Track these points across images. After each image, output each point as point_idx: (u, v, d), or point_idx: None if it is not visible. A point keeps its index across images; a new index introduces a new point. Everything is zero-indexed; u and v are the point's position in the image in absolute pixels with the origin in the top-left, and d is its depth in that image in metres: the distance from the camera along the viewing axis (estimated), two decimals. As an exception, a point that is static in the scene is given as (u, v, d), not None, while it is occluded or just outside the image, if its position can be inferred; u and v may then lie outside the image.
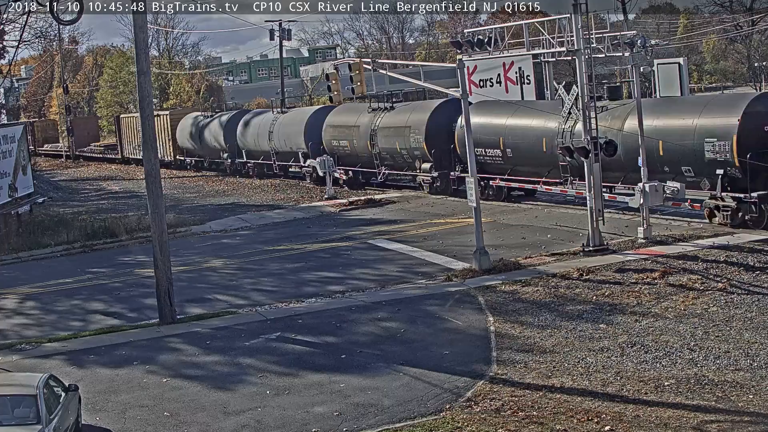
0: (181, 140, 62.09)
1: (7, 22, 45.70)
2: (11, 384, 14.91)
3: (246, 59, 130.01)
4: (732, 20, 63.52)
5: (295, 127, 48.11)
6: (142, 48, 22.25)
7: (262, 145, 51.66)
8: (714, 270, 22.43)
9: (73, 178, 67.19)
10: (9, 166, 37.68)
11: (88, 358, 19.66)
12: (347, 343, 19.35)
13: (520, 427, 14.37)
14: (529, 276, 23.29)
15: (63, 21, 26.55)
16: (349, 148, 43.77)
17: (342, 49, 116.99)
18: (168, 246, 22.38)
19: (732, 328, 18.28)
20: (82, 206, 47.39)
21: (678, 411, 14.54)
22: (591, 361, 17.06)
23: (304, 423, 15.15)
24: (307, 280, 25.62)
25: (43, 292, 26.93)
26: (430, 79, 35.72)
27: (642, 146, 26.27)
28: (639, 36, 30.75)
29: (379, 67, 29.83)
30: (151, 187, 22.31)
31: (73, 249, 33.65)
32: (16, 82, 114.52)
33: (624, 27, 56.98)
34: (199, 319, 22.27)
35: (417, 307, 21.55)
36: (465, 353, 18.11)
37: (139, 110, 22.91)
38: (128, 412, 16.32)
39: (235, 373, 18.03)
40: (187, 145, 61.32)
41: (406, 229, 31.83)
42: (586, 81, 25.52)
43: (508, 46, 36.60)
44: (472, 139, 25.18)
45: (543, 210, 32.73)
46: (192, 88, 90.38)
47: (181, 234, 35.00)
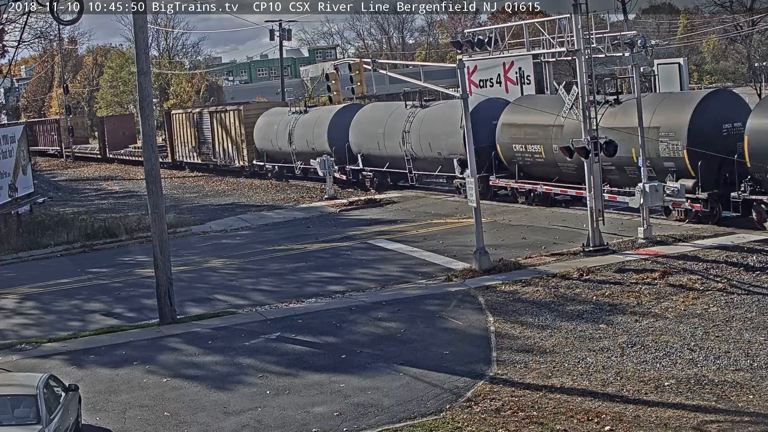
0: (261, 141, 51.03)
1: (7, 22, 45.72)
2: (11, 384, 14.92)
3: (246, 59, 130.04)
4: (732, 20, 63.48)
5: (447, 127, 36.93)
6: (142, 48, 22.24)
7: (390, 148, 40.79)
8: (714, 270, 22.44)
9: (73, 178, 67.17)
10: (9, 166, 37.68)
11: (88, 358, 19.66)
12: (347, 343, 19.35)
13: (520, 427, 14.38)
14: (529, 276, 23.30)
15: (63, 21, 26.55)
16: (272, 145, 44.58)
17: (342, 49, 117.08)
18: (168, 246, 22.38)
19: (732, 328, 18.28)
20: (82, 206, 47.38)
21: (678, 411, 14.55)
22: (591, 361, 17.06)
23: (304, 423, 15.16)
24: (307, 280, 25.63)
25: (43, 292, 26.93)
26: (430, 80, 35.67)
27: (642, 146, 26.29)
28: (639, 36, 30.78)
29: (379, 67, 29.83)
30: (151, 187, 22.30)
31: (73, 249, 33.65)
32: (16, 82, 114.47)
33: (624, 27, 56.95)
34: (199, 319, 22.27)
35: (417, 307, 21.56)
36: (465, 353, 18.11)
37: (139, 110, 22.89)
38: (128, 412, 16.33)
39: (235, 373, 18.03)
40: (270, 147, 50.25)
41: (406, 229, 31.83)
42: (586, 81, 25.52)
43: (508, 46, 36.65)
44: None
45: (544, 210, 32.70)
46: (192, 88, 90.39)
47: (181, 234, 35.01)
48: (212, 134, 56.21)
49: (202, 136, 57.81)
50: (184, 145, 60.66)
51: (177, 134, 61.58)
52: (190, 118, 59.17)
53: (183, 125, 60.18)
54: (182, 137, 60.65)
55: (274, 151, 49.90)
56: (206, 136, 57.18)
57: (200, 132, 57.94)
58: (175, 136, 61.93)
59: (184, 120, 59.96)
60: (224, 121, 54.43)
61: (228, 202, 44.38)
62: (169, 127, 62.62)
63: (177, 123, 61.11)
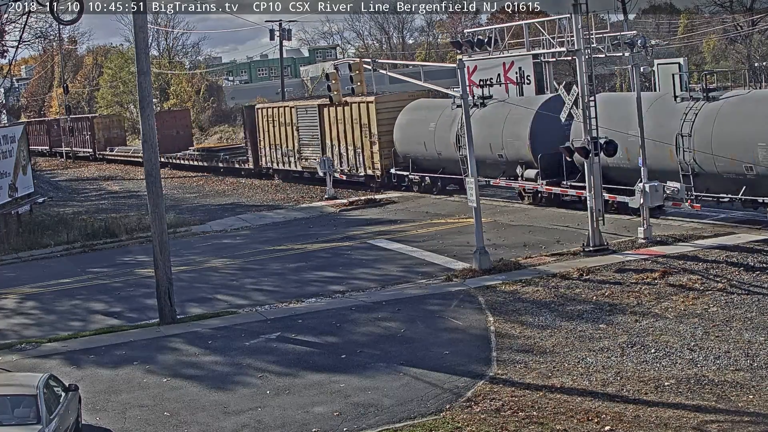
0: (405, 144, 40.05)
1: (7, 22, 45.69)
2: (11, 384, 14.92)
3: (246, 59, 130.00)
4: (732, 20, 63.48)
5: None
6: (142, 48, 22.24)
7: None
8: (714, 270, 22.44)
9: (73, 177, 67.18)
10: (9, 166, 37.70)
11: (88, 358, 19.67)
12: (347, 343, 19.36)
13: (520, 427, 14.38)
14: (529, 276, 23.30)
15: (63, 21, 26.55)
16: (425, 149, 37.94)
17: (342, 49, 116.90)
18: (168, 246, 22.38)
19: (732, 328, 18.28)
20: (82, 206, 47.39)
21: (678, 411, 14.55)
22: (591, 361, 17.07)
23: (304, 423, 15.16)
24: (307, 280, 25.63)
25: (43, 292, 26.92)
26: (430, 79, 35.60)
27: (642, 146, 26.27)
28: (639, 36, 30.75)
29: (379, 67, 29.86)
30: (151, 187, 22.31)
31: (73, 249, 33.66)
32: (16, 82, 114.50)
33: (624, 27, 56.95)
34: (199, 319, 22.28)
35: (417, 307, 21.56)
36: (465, 353, 18.11)
37: (139, 110, 22.89)
38: (128, 412, 16.33)
39: (235, 373, 18.04)
40: (421, 152, 39.12)
41: (407, 229, 31.84)
42: (586, 81, 25.52)
43: (508, 46, 36.61)
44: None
45: (544, 210, 32.71)
46: (192, 88, 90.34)
47: (182, 234, 35.01)
48: (322, 134, 45.08)
49: (306, 136, 46.64)
50: (274, 149, 49.29)
51: (264, 134, 49.94)
52: (285, 114, 48.09)
53: (273, 123, 49.03)
54: (272, 138, 49.34)
55: (428, 157, 38.81)
56: (311, 136, 46.29)
57: (302, 131, 46.96)
58: (262, 136, 50.16)
59: (276, 116, 48.81)
60: (344, 117, 42.91)
61: (228, 202, 44.38)
62: (253, 126, 51.22)
63: (264, 120, 49.77)
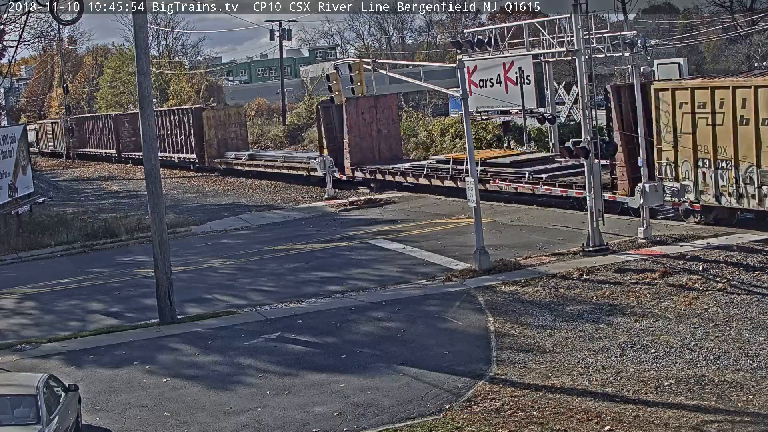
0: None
1: (7, 22, 45.69)
2: (11, 384, 14.91)
3: (246, 59, 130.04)
4: (732, 20, 63.52)
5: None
6: (142, 48, 22.23)
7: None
8: (714, 270, 22.43)
9: (73, 178, 67.18)
10: (9, 166, 37.68)
11: (88, 358, 19.65)
12: (347, 343, 19.35)
13: (520, 427, 14.37)
14: (529, 276, 23.29)
15: (63, 21, 26.49)
16: None
17: (342, 49, 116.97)
18: (168, 246, 22.37)
19: (732, 328, 18.28)
20: (82, 206, 47.38)
21: (678, 411, 14.54)
22: (591, 361, 17.06)
23: (304, 423, 15.15)
24: (306, 280, 25.62)
25: (43, 292, 26.92)
26: (430, 79, 35.62)
27: (642, 146, 26.28)
28: (639, 36, 30.81)
29: (379, 67, 29.85)
30: (151, 187, 22.29)
31: (73, 249, 33.65)
32: (16, 82, 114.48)
33: (624, 27, 56.95)
34: (199, 319, 22.26)
35: (417, 307, 21.55)
36: (465, 353, 18.10)
37: (139, 110, 22.89)
38: (128, 412, 16.32)
39: (235, 373, 18.03)
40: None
41: (406, 229, 31.83)
42: (586, 81, 25.52)
43: (508, 46, 36.64)
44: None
45: (544, 210, 32.71)
46: (192, 88, 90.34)
47: (181, 234, 35.01)
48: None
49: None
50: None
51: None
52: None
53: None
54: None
55: None
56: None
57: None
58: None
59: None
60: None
61: (228, 202, 44.39)
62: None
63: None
